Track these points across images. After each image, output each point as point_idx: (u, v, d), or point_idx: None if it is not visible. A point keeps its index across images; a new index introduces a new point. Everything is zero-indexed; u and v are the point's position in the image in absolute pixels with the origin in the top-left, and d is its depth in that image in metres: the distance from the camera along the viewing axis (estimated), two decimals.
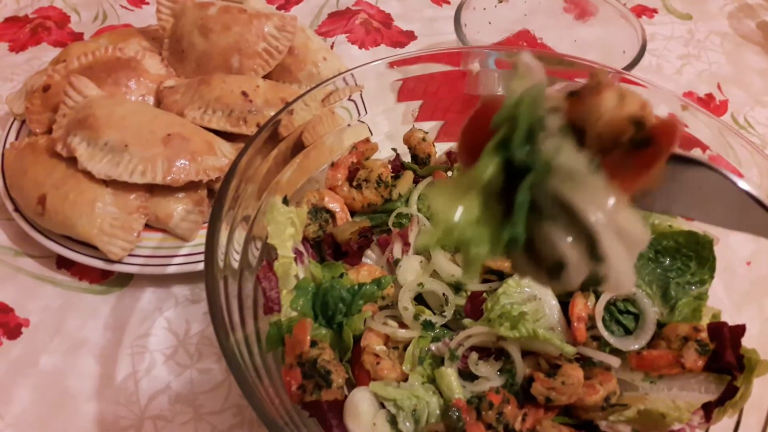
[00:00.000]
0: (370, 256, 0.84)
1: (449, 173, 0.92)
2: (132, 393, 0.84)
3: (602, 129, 0.40)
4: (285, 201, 0.82)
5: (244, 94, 0.98)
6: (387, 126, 1.00)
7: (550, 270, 0.40)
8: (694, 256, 0.79)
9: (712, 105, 1.29)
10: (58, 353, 0.87)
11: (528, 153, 0.40)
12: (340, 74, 0.88)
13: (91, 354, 0.87)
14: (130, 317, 0.91)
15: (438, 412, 0.70)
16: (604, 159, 0.41)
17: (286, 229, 0.77)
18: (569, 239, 0.39)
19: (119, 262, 0.90)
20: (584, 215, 0.38)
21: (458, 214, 0.40)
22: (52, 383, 0.84)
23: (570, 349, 0.72)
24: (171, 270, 0.91)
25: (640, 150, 0.40)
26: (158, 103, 1.02)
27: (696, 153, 0.84)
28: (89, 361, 0.86)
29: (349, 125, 0.94)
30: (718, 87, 1.33)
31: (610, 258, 0.39)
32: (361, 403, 0.70)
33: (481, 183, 0.40)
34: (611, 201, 0.39)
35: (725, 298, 0.80)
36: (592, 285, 0.40)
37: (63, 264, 0.96)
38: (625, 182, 0.40)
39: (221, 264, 0.66)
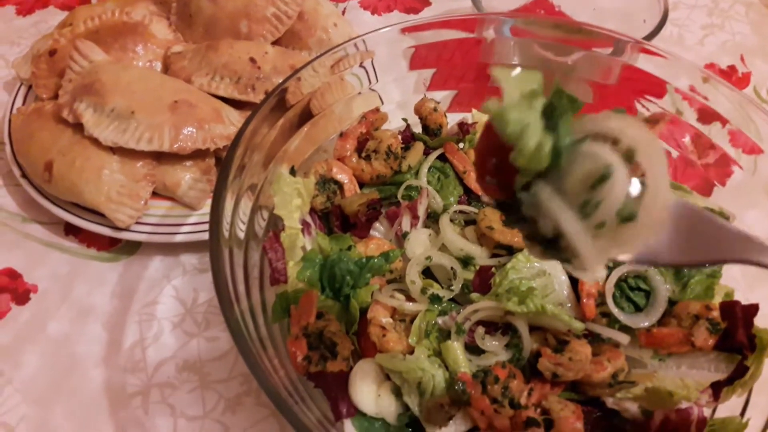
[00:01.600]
0: (379, 229, 0.82)
1: (461, 145, 0.90)
2: (139, 360, 0.84)
3: None
4: (292, 171, 0.81)
5: (252, 60, 0.96)
6: (398, 95, 0.97)
7: (595, 183, 0.42)
8: None
9: (734, 77, 1.25)
10: (66, 320, 0.87)
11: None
12: (350, 40, 0.86)
13: (98, 321, 0.87)
14: (138, 285, 0.91)
15: (443, 385, 0.69)
16: None
17: (292, 200, 0.76)
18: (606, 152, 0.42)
19: (127, 229, 0.90)
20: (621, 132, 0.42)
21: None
22: (60, 349, 0.85)
23: (578, 325, 0.71)
24: (179, 238, 0.90)
25: None
26: (165, 69, 1.01)
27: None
28: (97, 327, 0.87)
29: (359, 93, 0.92)
30: (741, 59, 1.29)
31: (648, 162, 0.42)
32: (367, 375, 0.70)
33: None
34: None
35: (740, 276, 0.79)
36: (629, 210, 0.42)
37: (71, 231, 0.96)
38: None
39: (226, 234, 0.66)
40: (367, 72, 0.91)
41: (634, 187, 0.43)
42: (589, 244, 0.43)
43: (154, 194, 0.92)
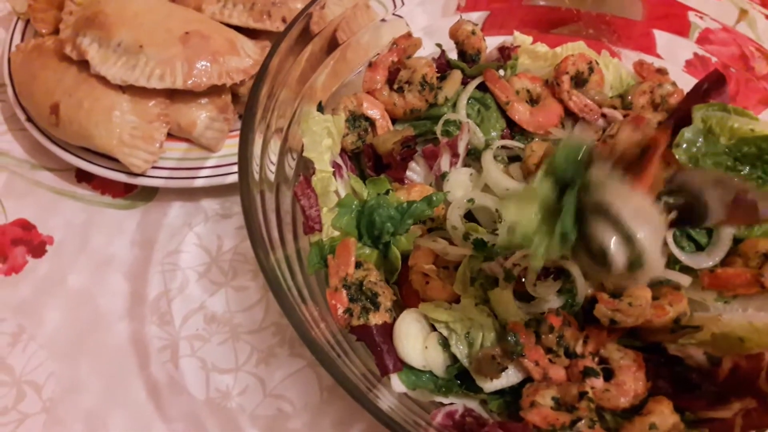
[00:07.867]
0: (415, 169, 0.76)
1: (501, 72, 0.82)
2: (165, 312, 0.80)
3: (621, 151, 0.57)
4: (320, 108, 0.74)
5: None
6: (425, 20, 0.89)
7: (598, 257, 0.53)
8: None
9: None
10: (86, 271, 0.83)
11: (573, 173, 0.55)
12: None
13: (119, 272, 0.83)
14: (158, 233, 0.86)
15: (493, 335, 0.65)
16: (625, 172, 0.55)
17: (323, 141, 0.70)
18: (609, 231, 0.52)
19: (142, 174, 0.84)
20: (615, 209, 0.52)
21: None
22: (82, 303, 0.81)
23: None
24: (198, 183, 0.85)
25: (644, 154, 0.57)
26: None
27: None
28: (118, 279, 0.82)
29: (383, 20, 0.84)
30: None
31: (640, 239, 0.52)
32: (412, 326, 0.66)
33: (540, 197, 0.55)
34: (635, 198, 0.53)
35: None
36: (635, 268, 0.53)
37: (83, 177, 0.90)
38: (642, 182, 0.55)
39: (257, 177, 0.60)
40: None
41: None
42: None
43: (169, 136, 0.86)
